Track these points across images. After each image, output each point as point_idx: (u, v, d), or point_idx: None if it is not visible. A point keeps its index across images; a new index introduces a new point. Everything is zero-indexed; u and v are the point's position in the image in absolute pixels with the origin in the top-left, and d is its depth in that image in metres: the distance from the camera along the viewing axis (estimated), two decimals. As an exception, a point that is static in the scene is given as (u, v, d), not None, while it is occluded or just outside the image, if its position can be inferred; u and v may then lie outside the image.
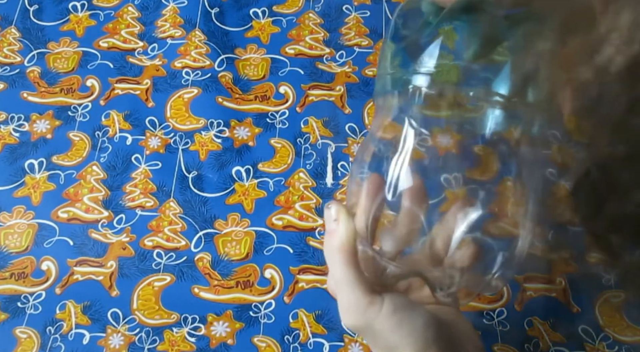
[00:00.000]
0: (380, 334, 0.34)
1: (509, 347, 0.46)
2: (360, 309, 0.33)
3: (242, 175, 0.54)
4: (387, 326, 0.33)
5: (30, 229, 0.51)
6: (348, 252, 0.34)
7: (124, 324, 0.47)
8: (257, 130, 0.56)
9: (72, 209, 0.52)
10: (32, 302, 0.48)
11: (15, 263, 0.50)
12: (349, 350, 0.46)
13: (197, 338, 0.47)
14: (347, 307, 0.34)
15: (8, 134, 0.56)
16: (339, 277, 0.34)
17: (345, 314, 0.35)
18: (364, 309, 0.33)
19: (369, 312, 0.33)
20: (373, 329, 0.34)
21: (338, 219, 0.35)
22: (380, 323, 0.33)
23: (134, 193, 0.53)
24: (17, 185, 0.53)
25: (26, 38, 0.61)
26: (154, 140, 0.55)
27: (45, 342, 0.47)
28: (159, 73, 0.59)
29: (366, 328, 0.34)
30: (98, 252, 0.50)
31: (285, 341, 0.47)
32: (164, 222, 0.51)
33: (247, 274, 0.49)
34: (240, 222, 0.51)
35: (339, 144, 0.55)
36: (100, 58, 0.60)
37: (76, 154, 0.55)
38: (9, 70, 0.59)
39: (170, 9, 0.62)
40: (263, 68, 0.59)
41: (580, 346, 0.46)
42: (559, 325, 0.47)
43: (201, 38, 0.60)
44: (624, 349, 0.46)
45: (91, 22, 0.62)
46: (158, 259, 0.50)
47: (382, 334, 0.33)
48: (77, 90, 0.58)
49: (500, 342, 0.46)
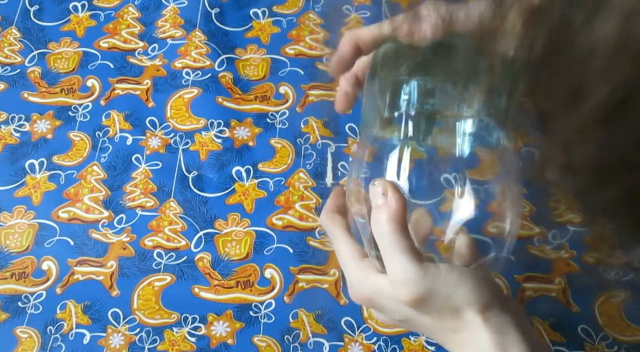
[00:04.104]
0: (443, 298, 0.33)
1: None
2: (419, 276, 0.33)
3: (242, 175, 0.54)
4: (450, 285, 0.33)
5: (30, 229, 0.51)
6: (399, 222, 0.34)
7: (124, 324, 0.47)
8: (257, 130, 0.56)
9: (73, 209, 0.52)
10: (32, 302, 0.48)
11: (15, 263, 0.50)
12: (348, 350, 0.46)
13: (197, 338, 0.47)
14: (403, 278, 0.33)
15: (9, 134, 0.56)
16: (390, 249, 0.33)
17: (403, 287, 0.33)
18: (424, 274, 0.33)
19: (430, 276, 0.33)
20: (435, 293, 0.33)
21: (386, 192, 0.34)
22: (442, 284, 0.33)
23: (134, 193, 0.53)
24: (17, 185, 0.53)
25: (27, 38, 0.61)
26: (154, 140, 0.55)
27: (45, 342, 0.47)
28: (159, 73, 0.59)
29: (427, 295, 0.33)
30: (98, 252, 0.50)
31: (285, 341, 0.47)
32: (164, 222, 0.51)
33: (247, 274, 0.49)
34: (240, 222, 0.52)
35: (339, 144, 0.55)
36: (101, 58, 0.60)
37: (77, 154, 0.55)
38: (10, 70, 0.59)
39: (170, 9, 0.63)
40: (263, 68, 0.59)
41: (580, 345, 0.46)
42: (558, 325, 0.47)
43: (201, 38, 0.60)
44: (624, 349, 0.46)
45: (91, 22, 0.62)
46: (158, 259, 0.50)
47: (445, 297, 0.33)
48: (77, 90, 0.58)
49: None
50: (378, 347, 0.46)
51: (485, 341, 0.33)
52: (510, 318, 0.33)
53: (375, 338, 0.47)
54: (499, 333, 0.33)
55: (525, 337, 0.33)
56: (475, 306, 0.33)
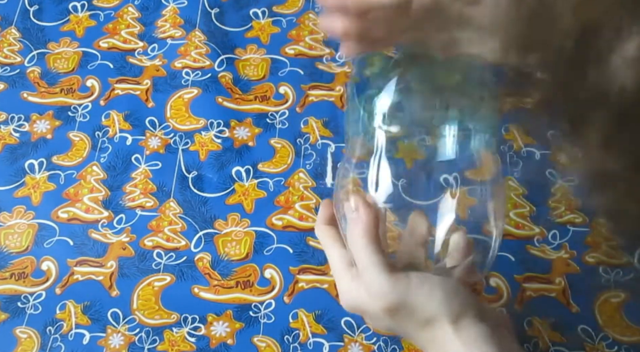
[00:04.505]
0: (416, 308, 0.34)
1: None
2: (390, 286, 0.34)
3: (242, 175, 0.54)
4: (421, 296, 0.34)
5: (30, 229, 0.51)
6: (371, 236, 0.35)
7: (124, 324, 0.47)
8: (257, 130, 0.56)
9: (72, 209, 0.52)
10: (32, 302, 0.48)
11: (15, 263, 0.50)
12: (348, 350, 0.46)
13: (197, 338, 0.47)
14: (377, 289, 0.35)
15: (8, 134, 0.56)
16: (365, 261, 0.35)
17: (376, 298, 0.35)
18: (394, 285, 0.34)
19: (400, 287, 0.34)
20: (407, 304, 0.34)
21: (358, 208, 0.36)
22: (413, 295, 0.34)
23: (134, 193, 0.53)
24: (17, 185, 0.53)
25: (26, 38, 0.61)
26: (154, 140, 0.55)
27: (45, 342, 0.47)
28: (159, 73, 0.59)
29: (401, 305, 0.34)
30: (98, 252, 0.50)
31: (285, 341, 0.47)
32: (164, 222, 0.51)
33: (247, 274, 0.49)
34: (240, 222, 0.52)
35: (339, 144, 0.55)
36: (100, 58, 0.60)
37: (76, 154, 0.55)
38: (9, 70, 0.59)
39: (170, 9, 0.62)
40: (263, 68, 0.59)
41: (580, 346, 0.46)
42: (558, 325, 0.47)
43: (201, 38, 0.60)
44: (624, 349, 0.46)
45: (91, 22, 0.62)
46: (158, 259, 0.50)
47: (418, 307, 0.34)
48: (77, 90, 0.58)
49: (500, 342, 0.46)
50: (378, 347, 0.46)
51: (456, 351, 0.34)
52: (484, 328, 0.34)
53: (375, 338, 0.47)
54: (470, 344, 0.33)
55: (497, 347, 0.33)
56: (447, 317, 0.34)
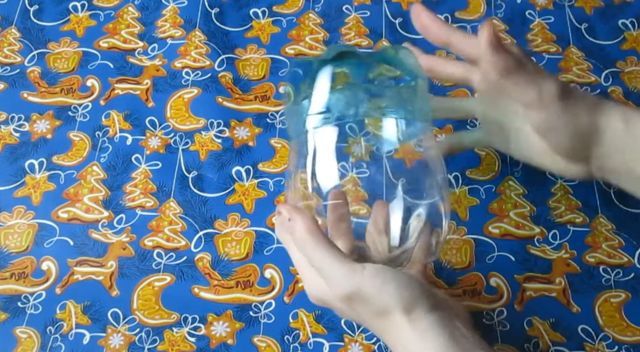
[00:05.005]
0: (369, 298, 0.35)
1: (509, 347, 0.46)
2: (344, 274, 0.35)
3: (242, 175, 0.54)
4: (374, 287, 0.34)
5: (30, 229, 0.51)
6: (314, 231, 0.36)
7: (124, 324, 0.47)
8: (257, 130, 0.56)
9: (72, 209, 0.52)
10: (32, 302, 0.48)
11: (15, 263, 0.50)
12: (348, 350, 0.46)
13: (197, 338, 0.47)
14: (332, 279, 0.35)
15: (8, 134, 0.56)
16: (317, 258, 0.36)
17: (332, 287, 0.36)
18: (349, 274, 0.35)
19: (354, 276, 0.35)
20: (361, 293, 0.35)
21: (291, 215, 0.37)
22: (367, 285, 0.34)
23: (134, 193, 0.53)
24: (17, 185, 0.53)
25: (26, 38, 0.61)
26: (154, 140, 0.55)
27: (45, 342, 0.47)
28: (159, 73, 0.59)
29: (355, 294, 0.35)
30: (98, 252, 0.50)
31: (285, 341, 0.47)
32: (164, 222, 0.51)
33: (247, 274, 0.49)
34: (240, 222, 0.52)
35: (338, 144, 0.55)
36: (101, 58, 0.60)
37: (76, 154, 0.55)
38: (9, 70, 0.59)
39: (170, 9, 0.62)
40: (263, 68, 0.59)
41: (580, 346, 0.46)
42: (558, 325, 0.47)
43: (201, 38, 0.60)
44: (624, 349, 0.46)
45: (91, 22, 0.62)
46: (158, 259, 0.50)
47: (371, 297, 0.35)
48: (77, 90, 0.58)
49: (500, 342, 0.46)
50: (378, 347, 0.46)
51: (409, 341, 0.35)
52: (436, 319, 0.35)
53: (375, 338, 0.47)
54: (421, 334, 0.34)
55: (449, 337, 0.34)
56: (400, 307, 0.34)
